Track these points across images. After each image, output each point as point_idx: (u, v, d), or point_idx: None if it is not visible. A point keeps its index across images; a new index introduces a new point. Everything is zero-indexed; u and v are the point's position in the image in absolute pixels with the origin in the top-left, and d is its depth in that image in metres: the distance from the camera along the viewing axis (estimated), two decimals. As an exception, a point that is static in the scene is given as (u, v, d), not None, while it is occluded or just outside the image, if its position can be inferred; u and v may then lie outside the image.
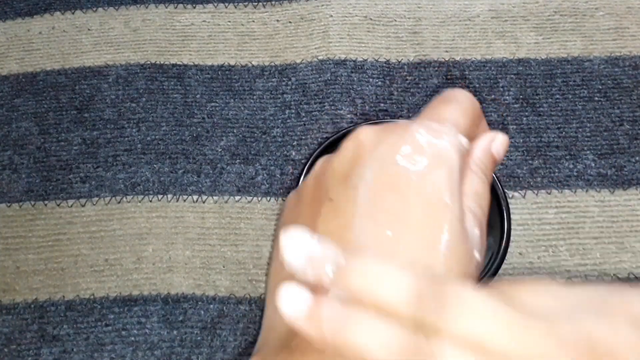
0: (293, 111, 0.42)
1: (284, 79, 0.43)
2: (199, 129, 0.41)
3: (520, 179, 0.39)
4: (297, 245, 0.19)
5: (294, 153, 0.40)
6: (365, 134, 0.23)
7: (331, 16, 0.45)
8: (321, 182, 0.23)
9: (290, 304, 0.18)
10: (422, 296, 0.17)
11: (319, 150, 0.38)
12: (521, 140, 0.40)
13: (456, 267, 0.20)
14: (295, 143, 0.41)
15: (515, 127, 0.41)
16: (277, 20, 0.46)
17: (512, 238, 0.35)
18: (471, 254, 0.21)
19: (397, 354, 0.16)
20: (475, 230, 0.22)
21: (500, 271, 0.33)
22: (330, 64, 0.43)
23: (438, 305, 0.16)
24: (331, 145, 0.37)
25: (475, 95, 0.42)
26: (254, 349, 0.22)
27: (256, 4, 0.46)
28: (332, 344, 0.18)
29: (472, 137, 0.24)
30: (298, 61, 0.44)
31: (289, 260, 0.19)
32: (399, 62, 0.44)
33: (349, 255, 0.18)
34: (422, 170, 0.21)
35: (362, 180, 0.21)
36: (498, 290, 0.17)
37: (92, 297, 0.36)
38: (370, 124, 0.38)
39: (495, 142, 0.24)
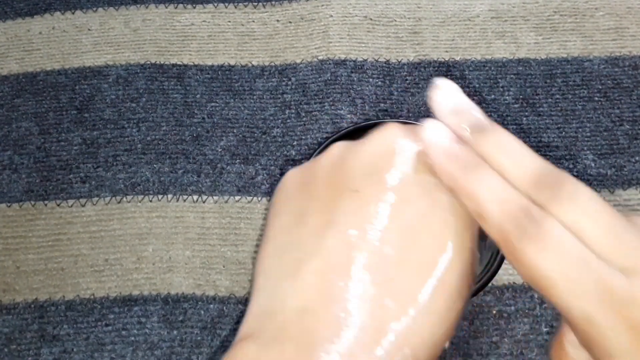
0: (293, 111, 0.42)
1: (284, 79, 0.43)
2: (199, 129, 0.41)
3: (520, 179, 0.39)
4: (449, 94, 0.22)
5: (294, 153, 0.40)
6: (396, 131, 0.23)
7: (331, 16, 0.45)
8: (342, 169, 0.22)
9: (435, 134, 0.21)
10: (544, 177, 0.19)
11: (318, 150, 0.38)
12: (521, 141, 0.40)
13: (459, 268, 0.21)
14: (295, 143, 0.41)
15: (515, 127, 0.41)
16: (277, 20, 0.46)
17: (512, 238, 0.35)
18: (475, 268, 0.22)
19: (509, 212, 0.19)
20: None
21: (500, 271, 0.33)
22: (330, 64, 0.43)
23: (556, 189, 0.19)
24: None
25: (475, 95, 0.42)
26: (237, 334, 0.21)
27: (256, 4, 0.46)
28: (455, 184, 0.20)
29: None
30: (298, 61, 0.44)
31: (438, 104, 0.22)
32: (399, 62, 0.44)
33: (491, 124, 0.21)
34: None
35: (392, 178, 0.21)
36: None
37: (92, 297, 0.36)
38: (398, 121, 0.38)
39: None
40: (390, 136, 0.22)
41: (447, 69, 0.43)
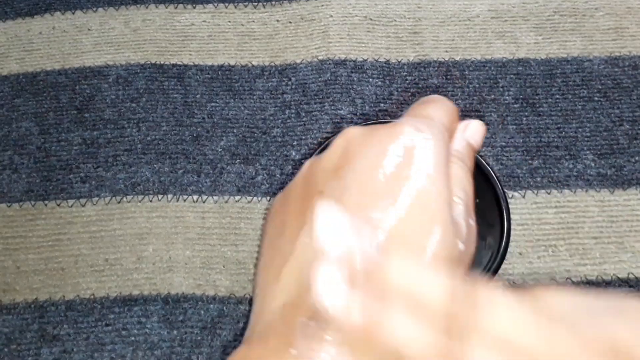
0: (293, 111, 0.42)
1: (284, 79, 0.43)
2: (199, 129, 0.41)
3: (520, 179, 0.39)
4: (333, 227, 0.19)
5: (294, 153, 0.40)
6: (354, 131, 0.24)
7: (331, 16, 0.45)
8: (310, 179, 0.24)
9: (328, 294, 0.18)
10: (455, 297, 0.18)
11: (318, 150, 0.38)
12: (521, 140, 0.40)
13: (442, 253, 0.21)
14: (295, 143, 0.41)
15: (515, 127, 0.41)
16: (277, 20, 0.46)
17: (512, 238, 0.35)
18: (455, 243, 0.22)
19: (429, 351, 0.17)
20: (461, 221, 0.23)
21: (500, 271, 0.33)
22: (330, 64, 0.43)
23: (470, 306, 0.17)
24: (331, 145, 0.37)
25: (475, 95, 0.42)
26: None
27: (256, 4, 0.46)
28: (364, 335, 0.18)
29: (451, 134, 0.26)
30: (298, 61, 0.44)
31: (322, 241, 0.19)
32: (399, 62, 0.44)
33: (384, 252, 0.19)
34: (410, 162, 0.21)
35: (351, 171, 0.22)
36: (523, 294, 0.18)
37: (92, 297, 0.36)
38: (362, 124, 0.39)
39: (469, 130, 0.26)
40: (346, 138, 0.23)
41: (447, 69, 0.43)
